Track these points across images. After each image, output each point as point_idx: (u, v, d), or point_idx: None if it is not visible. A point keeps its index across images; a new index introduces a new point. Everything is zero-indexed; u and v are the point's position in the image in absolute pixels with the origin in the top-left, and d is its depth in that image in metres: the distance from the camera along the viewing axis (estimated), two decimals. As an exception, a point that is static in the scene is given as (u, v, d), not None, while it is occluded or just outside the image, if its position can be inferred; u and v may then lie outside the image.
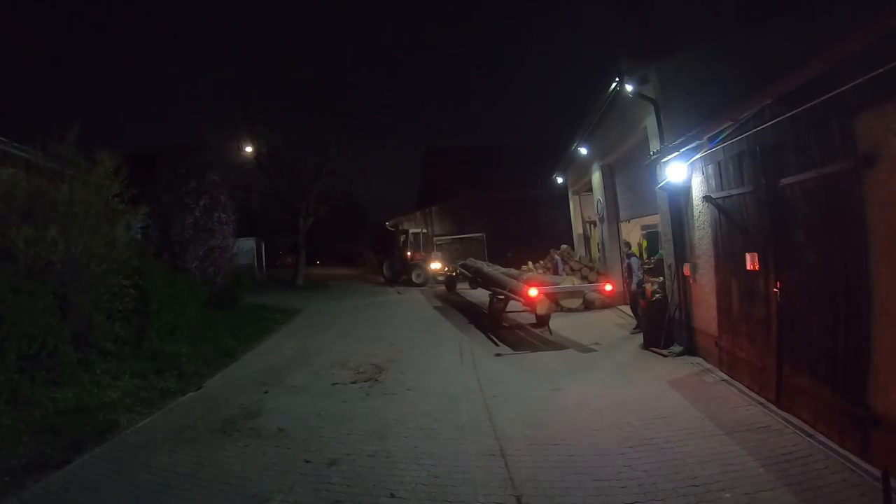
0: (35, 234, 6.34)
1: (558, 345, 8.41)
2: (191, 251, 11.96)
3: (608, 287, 9.15)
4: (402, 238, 22.40)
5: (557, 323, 9.55)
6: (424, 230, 23.88)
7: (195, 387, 6.72)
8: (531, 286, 8.52)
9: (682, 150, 6.61)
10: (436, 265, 17.81)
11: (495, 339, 8.87)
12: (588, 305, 11.82)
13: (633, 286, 9.00)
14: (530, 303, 8.53)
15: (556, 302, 8.81)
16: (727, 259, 6.01)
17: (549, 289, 9.28)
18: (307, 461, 4.34)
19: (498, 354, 7.85)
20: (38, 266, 6.34)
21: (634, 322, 9.26)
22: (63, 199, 6.77)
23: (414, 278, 20.17)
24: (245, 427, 5.22)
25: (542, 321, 9.43)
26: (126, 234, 7.96)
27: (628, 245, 10.53)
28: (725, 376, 6.05)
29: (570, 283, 11.63)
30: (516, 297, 8.94)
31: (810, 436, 4.18)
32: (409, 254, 21.36)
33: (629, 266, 9.43)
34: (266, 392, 6.47)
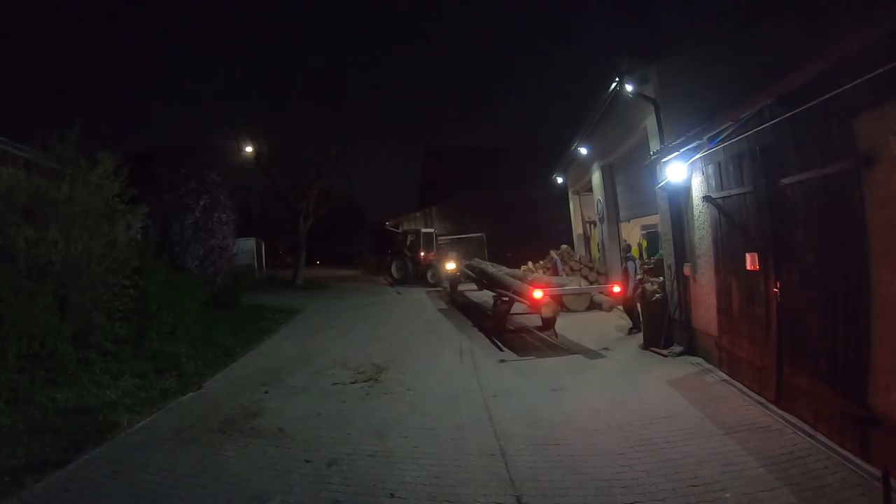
0: (35, 234, 6.33)
1: (565, 349, 8.22)
2: (191, 251, 11.95)
3: (616, 289, 9.00)
4: (412, 238, 22.33)
5: (557, 323, 9.53)
6: (434, 230, 23.80)
7: (195, 387, 6.72)
8: (536, 288, 8.44)
9: (682, 150, 6.61)
10: (451, 265, 17.71)
11: (499, 344, 8.76)
12: (590, 307, 11.84)
13: (629, 290, 8.96)
14: (535, 305, 8.38)
15: (560, 304, 8.63)
16: (727, 259, 6.01)
17: (556, 291, 9.15)
18: (307, 461, 4.34)
19: (502, 360, 7.70)
20: (38, 266, 6.34)
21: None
22: (63, 199, 6.77)
23: (430, 278, 20.15)
24: (245, 427, 5.22)
25: (548, 324, 9.21)
26: (126, 234, 7.94)
27: (628, 247, 10.51)
28: (725, 376, 6.05)
29: (575, 284, 11.62)
30: (521, 299, 8.77)
31: (810, 436, 4.18)
32: (422, 254, 21.30)
33: (626, 269, 9.43)
34: (266, 392, 6.47)
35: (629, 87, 7.97)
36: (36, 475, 4.07)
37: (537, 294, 8.22)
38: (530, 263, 16.13)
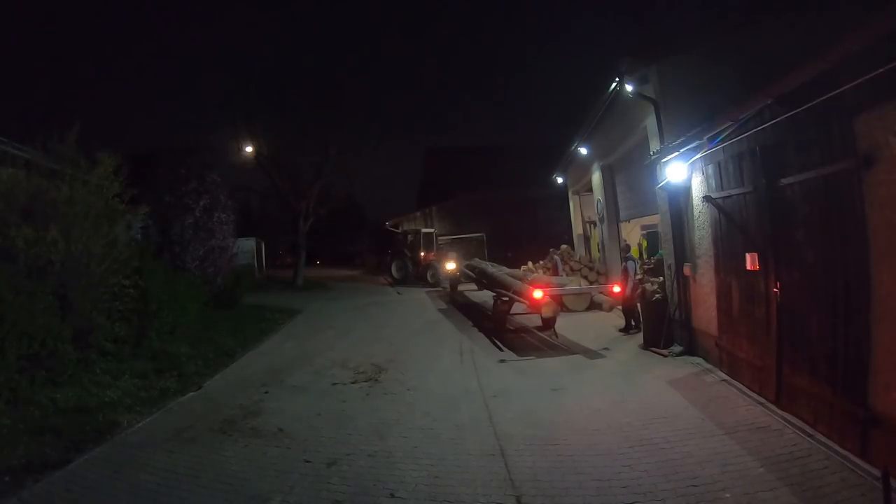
0: (35, 234, 6.33)
1: (565, 349, 8.21)
2: (191, 251, 11.96)
3: (616, 289, 9.00)
4: (412, 238, 22.32)
5: (557, 323, 9.52)
6: (434, 230, 23.79)
7: (195, 387, 6.72)
8: (536, 288, 8.42)
9: (682, 150, 6.61)
10: (451, 265, 17.68)
11: (499, 344, 8.75)
12: (590, 307, 11.83)
13: (628, 290, 8.96)
14: (535, 305, 8.37)
15: (560, 304, 8.60)
16: (727, 259, 6.01)
17: (556, 291, 9.13)
18: (307, 461, 4.34)
19: (502, 360, 7.69)
20: (38, 266, 6.34)
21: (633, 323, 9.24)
22: (63, 199, 6.77)
23: (430, 278, 20.17)
24: (245, 427, 5.22)
25: (548, 324, 9.20)
26: (126, 234, 7.95)
27: (627, 248, 10.52)
28: (725, 376, 6.05)
29: (575, 284, 11.62)
30: (521, 299, 8.76)
31: (810, 436, 4.18)
32: (422, 254, 21.31)
33: (626, 269, 9.45)
34: (266, 392, 6.47)
35: (629, 87, 7.97)
36: (36, 475, 4.07)
37: (537, 294, 8.21)
38: (530, 263, 16.12)
